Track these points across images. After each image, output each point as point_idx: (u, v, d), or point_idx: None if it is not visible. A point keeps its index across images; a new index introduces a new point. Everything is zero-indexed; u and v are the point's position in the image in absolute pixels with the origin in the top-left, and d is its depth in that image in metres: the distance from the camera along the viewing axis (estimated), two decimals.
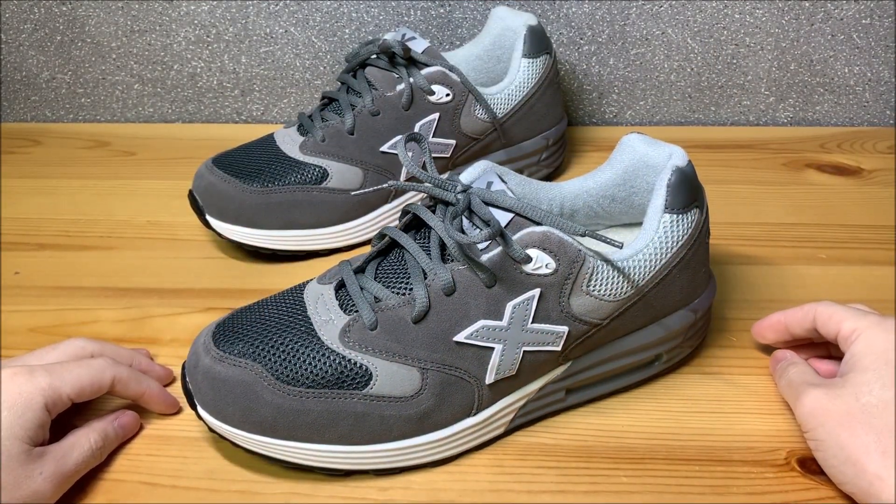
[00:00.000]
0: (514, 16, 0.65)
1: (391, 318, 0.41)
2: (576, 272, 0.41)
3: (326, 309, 0.42)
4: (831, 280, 0.57)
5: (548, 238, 0.40)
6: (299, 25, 0.75)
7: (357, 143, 0.59)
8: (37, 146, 0.76)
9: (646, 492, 0.42)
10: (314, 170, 0.58)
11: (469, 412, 0.43)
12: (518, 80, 0.63)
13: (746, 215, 0.64)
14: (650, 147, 0.47)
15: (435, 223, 0.41)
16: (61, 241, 0.63)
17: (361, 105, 0.59)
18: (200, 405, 0.42)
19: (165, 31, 0.76)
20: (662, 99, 0.77)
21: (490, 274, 0.40)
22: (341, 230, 0.60)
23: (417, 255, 0.42)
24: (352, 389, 0.41)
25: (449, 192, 0.42)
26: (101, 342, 0.47)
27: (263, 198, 0.57)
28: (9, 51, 0.77)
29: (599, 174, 0.49)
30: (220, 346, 0.42)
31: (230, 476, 0.43)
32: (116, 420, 0.45)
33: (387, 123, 0.59)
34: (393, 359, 0.41)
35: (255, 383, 0.41)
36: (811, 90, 0.76)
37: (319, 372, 0.41)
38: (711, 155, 0.72)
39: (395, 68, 0.59)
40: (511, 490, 0.43)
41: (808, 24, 0.73)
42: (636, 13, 0.73)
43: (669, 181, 0.43)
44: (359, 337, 0.41)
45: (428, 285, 0.41)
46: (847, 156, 0.72)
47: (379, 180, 0.59)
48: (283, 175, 0.58)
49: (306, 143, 0.59)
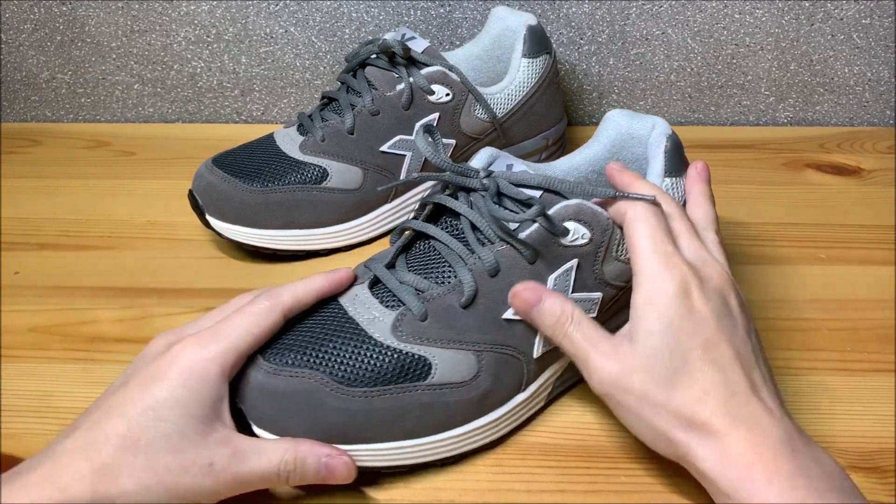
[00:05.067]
0: (514, 16, 0.64)
1: (440, 307, 0.42)
2: (607, 239, 0.43)
3: (367, 308, 0.43)
4: (831, 280, 0.57)
5: (582, 210, 0.42)
6: (299, 25, 0.75)
7: (357, 142, 0.59)
8: (37, 146, 0.76)
9: (646, 492, 0.42)
10: (314, 169, 0.58)
11: (519, 388, 0.44)
12: (518, 80, 0.62)
13: (746, 215, 0.64)
14: (633, 120, 0.49)
15: (464, 209, 0.43)
16: (61, 241, 0.63)
17: (361, 105, 0.59)
18: (256, 423, 0.41)
19: (165, 31, 0.76)
20: (662, 99, 0.77)
21: (532, 250, 0.42)
22: (341, 230, 0.60)
23: (451, 243, 0.43)
24: (415, 381, 0.41)
25: (472, 179, 0.43)
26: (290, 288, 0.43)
27: (263, 197, 0.57)
28: (9, 51, 0.77)
29: (587, 150, 0.51)
30: (271, 360, 0.41)
31: None
32: (327, 455, 0.39)
33: (386, 123, 0.59)
34: (448, 346, 0.42)
35: (319, 391, 0.40)
36: (811, 90, 0.76)
37: (381, 369, 0.41)
38: (711, 155, 0.72)
39: (394, 68, 0.59)
40: (511, 490, 0.43)
41: (808, 24, 0.73)
42: (636, 13, 0.73)
43: (666, 148, 0.47)
44: (411, 329, 0.42)
45: (471, 269, 0.42)
46: (847, 156, 0.72)
47: (379, 180, 0.59)
48: (283, 175, 0.58)
49: (306, 142, 0.59)
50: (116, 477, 0.35)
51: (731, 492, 0.36)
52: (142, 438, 0.36)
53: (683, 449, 0.38)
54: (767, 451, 0.36)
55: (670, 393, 0.37)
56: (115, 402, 0.37)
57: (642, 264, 0.40)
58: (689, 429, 0.37)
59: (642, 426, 0.39)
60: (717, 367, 0.38)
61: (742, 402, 0.37)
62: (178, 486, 0.36)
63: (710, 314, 0.38)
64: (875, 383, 0.48)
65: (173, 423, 0.37)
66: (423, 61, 0.59)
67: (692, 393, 0.37)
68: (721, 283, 0.40)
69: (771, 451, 0.36)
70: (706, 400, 0.37)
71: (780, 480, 0.35)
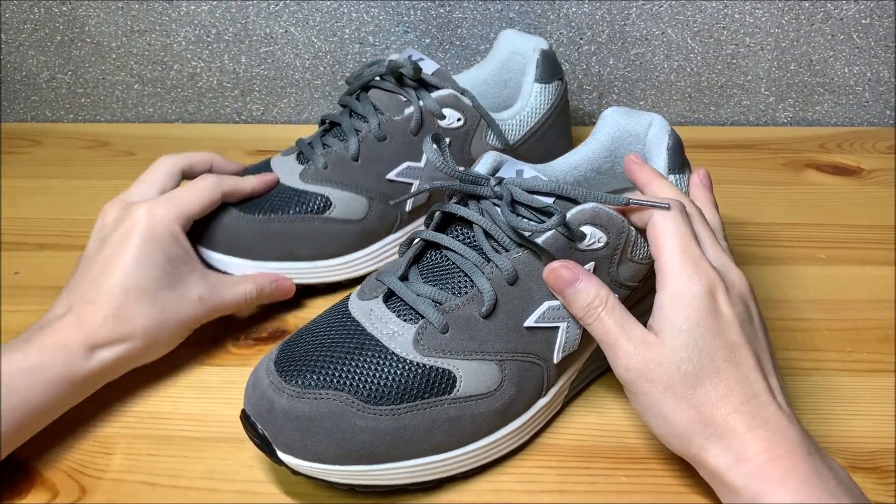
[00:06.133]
0: (524, 39, 0.62)
1: (460, 318, 0.41)
2: (623, 242, 0.42)
3: (384, 322, 0.42)
4: (831, 280, 0.57)
5: (597, 214, 0.41)
6: (299, 25, 0.75)
7: (362, 169, 0.55)
8: (37, 146, 0.76)
9: (646, 492, 0.42)
10: (316, 199, 0.54)
11: (540, 394, 0.44)
12: (531, 106, 0.60)
13: (746, 215, 0.64)
14: (630, 117, 0.50)
15: (477, 218, 0.42)
16: (61, 241, 0.63)
17: (367, 130, 0.55)
18: (283, 449, 0.40)
19: (165, 31, 0.76)
20: (662, 99, 0.77)
21: (549, 256, 0.41)
22: (344, 262, 0.56)
23: (465, 252, 0.42)
24: (440, 395, 0.40)
25: (483, 187, 0.42)
26: (182, 154, 0.53)
27: (261, 227, 0.53)
28: (9, 51, 0.77)
29: (585, 148, 0.50)
30: (293, 382, 0.40)
31: (230, 476, 0.43)
32: (276, 282, 0.52)
33: (394, 149, 0.55)
34: (471, 357, 0.41)
35: (345, 412, 0.39)
36: (811, 90, 0.76)
37: (406, 385, 0.40)
38: (711, 155, 0.72)
39: (402, 90, 0.56)
40: (511, 490, 0.43)
41: (808, 24, 0.73)
42: (636, 13, 0.73)
43: (669, 145, 0.47)
44: (433, 342, 0.41)
45: (489, 278, 0.41)
46: (847, 156, 0.72)
47: (384, 209, 0.56)
48: (283, 204, 0.54)
49: (307, 170, 0.55)
50: (130, 318, 0.44)
51: (744, 490, 0.36)
52: (141, 284, 0.45)
53: (698, 446, 0.38)
54: (784, 452, 0.36)
55: (695, 388, 0.38)
56: (103, 262, 0.46)
57: (670, 265, 0.40)
58: (707, 426, 0.38)
59: (661, 419, 0.39)
60: (741, 370, 0.38)
61: (764, 403, 0.38)
62: (179, 316, 0.47)
63: (734, 318, 0.39)
64: (875, 383, 0.48)
65: (161, 267, 0.46)
66: (434, 83, 0.56)
67: (716, 390, 0.38)
68: (744, 290, 0.41)
69: (788, 452, 0.36)
70: (730, 398, 0.37)
71: (795, 480, 0.35)
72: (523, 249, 0.41)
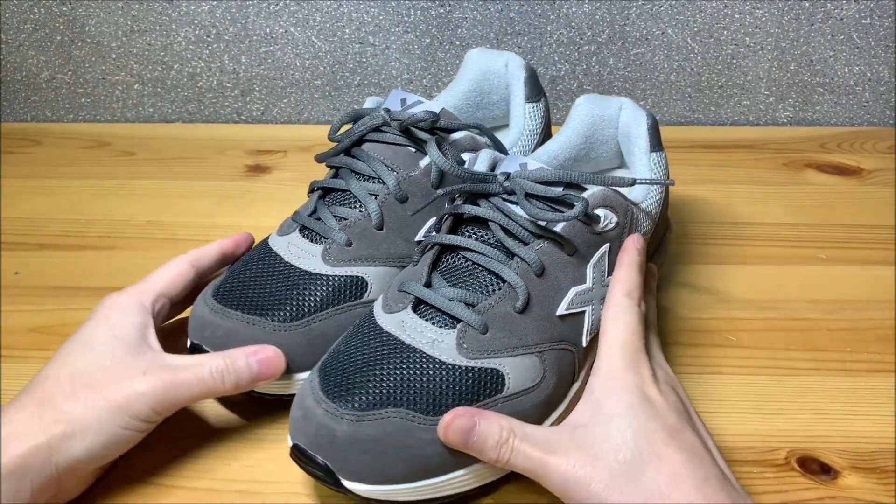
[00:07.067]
0: (493, 57, 0.56)
1: (496, 316, 0.41)
2: (629, 220, 0.45)
3: (420, 332, 0.41)
4: (831, 280, 0.57)
5: (607, 196, 0.43)
6: (299, 25, 0.75)
7: (388, 238, 0.48)
8: (37, 146, 0.76)
9: None
10: (350, 282, 0.46)
11: (573, 379, 0.44)
12: (528, 127, 0.55)
13: (746, 215, 0.64)
14: (601, 103, 0.52)
15: (492, 215, 0.42)
16: (61, 241, 0.63)
17: (385, 192, 0.48)
18: (350, 477, 0.38)
19: (165, 31, 0.76)
20: (662, 99, 0.77)
21: (570, 243, 0.42)
22: None
23: (487, 251, 0.42)
24: (493, 395, 0.40)
25: (492, 184, 0.43)
26: None
27: (303, 336, 0.45)
28: (9, 51, 0.77)
29: (560, 138, 0.52)
30: (349, 406, 0.38)
31: (230, 476, 0.43)
32: (255, 353, 0.42)
33: (417, 208, 0.48)
34: (515, 353, 0.41)
35: (409, 427, 0.38)
36: (811, 90, 0.76)
37: (460, 391, 0.40)
38: (711, 155, 0.72)
39: (410, 141, 0.49)
40: (511, 490, 0.43)
41: (808, 24, 0.73)
42: (636, 13, 0.73)
43: (648, 124, 0.49)
44: (475, 344, 0.41)
45: (517, 272, 0.42)
46: (847, 156, 0.72)
47: None
48: (316, 297, 0.46)
49: (329, 250, 0.47)
50: (57, 403, 0.39)
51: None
52: (76, 367, 0.41)
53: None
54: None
55: (639, 475, 0.35)
56: (55, 355, 0.42)
57: (609, 352, 0.40)
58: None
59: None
60: (686, 453, 0.36)
61: (716, 488, 0.35)
62: (116, 396, 0.39)
63: (669, 407, 0.38)
64: (875, 383, 0.48)
65: (102, 347, 0.41)
66: (446, 128, 0.49)
67: (662, 475, 0.35)
68: (673, 384, 0.41)
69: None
70: (679, 483, 0.35)
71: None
72: (543, 241, 0.42)
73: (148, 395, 0.40)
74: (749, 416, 0.46)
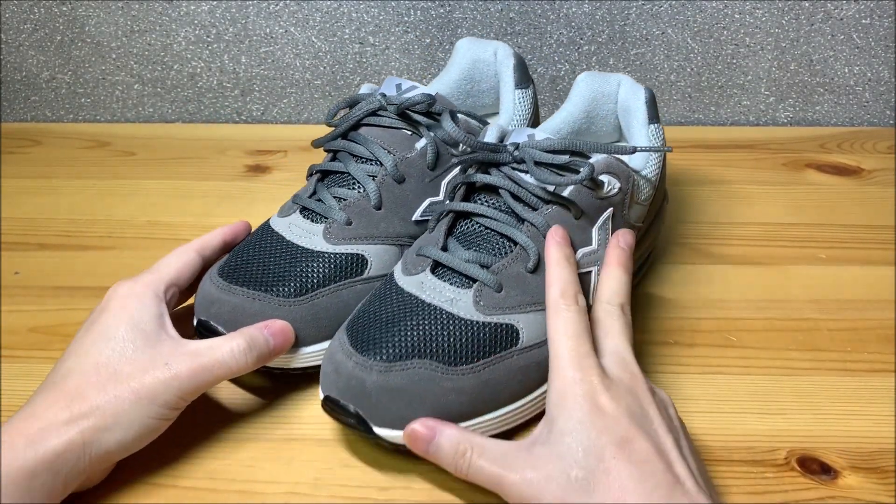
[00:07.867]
0: (482, 46, 0.58)
1: (510, 276, 0.44)
2: (631, 186, 0.47)
3: (439, 292, 0.44)
4: (831, 280, 0.57)
5: (610, 163, 0.46)
6: (299, 25, 0.75)
7: (387, 218, 0.50)
8: (37, 146, 0.76)
9: None
10: (351, 259, 0.49)
11: None
12: (519, 113, 0.56)
13: (746, 215, 0.64)
14: (601, 79, 0.54)
15: (503, 182, 0.45)
16: (61, 241, 0.63)
17: (382, 173, 0.50)
18: (380, 425, 0.41)
19: (165, 31, 0.76)
20: (662, 99, 0.77)
21: (577, 207, 0.45)
22: None
23: (499, 217, 0.45)
24: (508, 348, 0.43)
25: (503, 154, 0.46)
26: None
27: (308, 308, 0.47)
28: (9, 51, 0.77)
29: (563, 112, 0.54)
30: (378, 358, 0.41)
31: (230, 476, 0.43)
32: (266, 327, 0.45)
33: (414, 189, 0.51)
34: (527, 309, 0.44)
35: (434, 377, 0.42)
36: (811, 90, 0.76)
37: (478, 344, 0.43)
38: (711, 155, 0.72)
39: (406, 124, 0.51)
40: None
41: (808, 24, 0.73)
42: (636, 13, 0.73)
43: (646, 98, 0.52)
44: (491, 302, 0.44)
45: (529, 235, 0.45)
46: (847, 156, 0.72)
47: None
48: (318, 274, 0.47)
49: (330, 229, 0.49)
50: (86, 396, 0.40)
51: None
52: (100, 360, 0.41)
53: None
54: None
55: (591, 494, 0.36)
56: (74, 346, 0.43)
57: (556, 362, 0.40)
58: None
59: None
60: (634, 464, 0.36)
61: (664, 495, 0.35)
62: (143, 387, 0.40)
63: (621, 413, 0.38)
64: (875, 383, 0.48)
65: (122, 337, 0.42)
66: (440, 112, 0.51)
67: (611, 492, 0.36)
68: (632, 384, 0.40)
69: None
70: (626, 498, 0.35)
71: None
72: (551, 206, 0.45)
73: (174, 383, 0.41)
74: (749, 416, 0.46)
